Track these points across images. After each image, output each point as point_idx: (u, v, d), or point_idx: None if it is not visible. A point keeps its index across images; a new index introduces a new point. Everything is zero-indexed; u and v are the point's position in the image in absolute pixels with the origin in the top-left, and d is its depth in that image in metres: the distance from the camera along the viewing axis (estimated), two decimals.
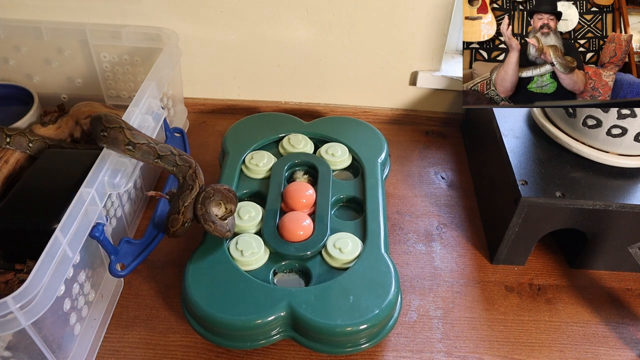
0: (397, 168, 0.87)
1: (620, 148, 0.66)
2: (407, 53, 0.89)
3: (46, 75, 0.90)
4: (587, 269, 0.71)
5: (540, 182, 0.64)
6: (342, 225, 0.65)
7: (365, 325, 0.53)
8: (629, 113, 0.63)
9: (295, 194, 0.66)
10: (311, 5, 0.84)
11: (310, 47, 0.89)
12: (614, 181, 0.65)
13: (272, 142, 0.77)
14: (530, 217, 0.64)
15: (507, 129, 0.73)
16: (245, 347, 0.57)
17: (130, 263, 0.57)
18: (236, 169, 0.71)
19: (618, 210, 0.62)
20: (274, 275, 0.60)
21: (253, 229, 0.63)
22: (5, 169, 0.70)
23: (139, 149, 0.58)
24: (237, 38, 0.88)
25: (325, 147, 0.75)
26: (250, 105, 0.97)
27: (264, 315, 0.54)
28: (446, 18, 0.85)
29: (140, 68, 0.87)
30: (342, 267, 0.59)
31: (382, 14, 0.85)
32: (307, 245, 0.60)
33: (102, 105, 0.83)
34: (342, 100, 0.96)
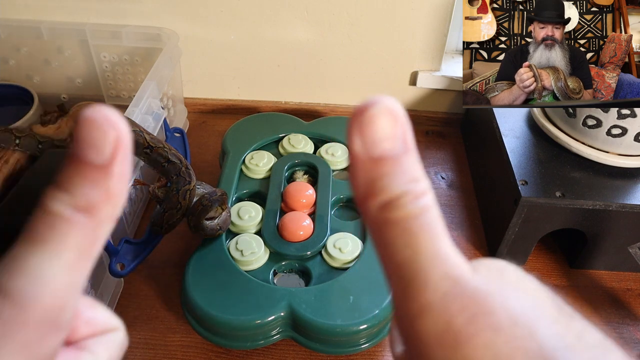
0: None
1: (620, 148, 0.66)
2: (407, 53, 0.89)
3: (46, 75, 0.90)
4: (587, 269, 0.71)
5: (540, 182, 0.64)
6: (342, 225, 0.65)
7: (365, 325, 0.53)
8: (629, 113, 0.63)
9: (295, 194, 0.66)
10: (311, 5, 0.84)
11: (310, 47, 0.89)
12: (614, 181, 0.65)
13: (272, 142, 0.77)
14: (530, 217, 0.64)
15: (507, 129, 0.73)
16: (245, 347, 0.57)
17: (130, 263, 0.57)
18: (236, 169, 0.71)
19: (618, 210, 0.62)
20: (274, 275, 0.60)
21: (253, 229, 0.63)
22: (6, 169, 0.70)
23: None
24: (237, 38, 0.88)
25: (325, 147, 0.75)
26: (250, 105, 0.97)
27: (264, 315, 0.54)
28: (446, 18, 0.85)
29: (140, 68, 0.87)
30: (342, 267, 0.59)
31: (382, 14, 0.85)
32: (307, 245, 0.60)
33: None
34: (342, 100, 0.96)
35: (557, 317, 0.18)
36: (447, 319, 0.17)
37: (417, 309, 0.18)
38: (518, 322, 0.17)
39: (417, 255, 0.18)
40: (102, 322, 0.22)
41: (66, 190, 0.18)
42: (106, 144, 0.18)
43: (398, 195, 0.18)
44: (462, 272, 0.18)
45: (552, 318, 0.18)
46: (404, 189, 0.18)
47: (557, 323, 0.18)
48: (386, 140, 0.18)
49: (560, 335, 0.17)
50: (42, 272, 0.17)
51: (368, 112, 0.18)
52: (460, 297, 0.17)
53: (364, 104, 0.18)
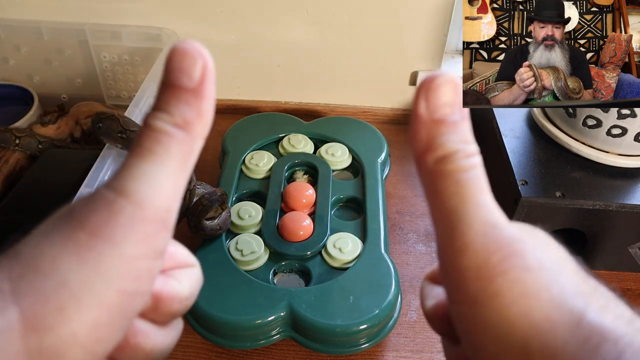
0: (397, 168, 0.87)
1: (620, 148, 0.66)
2: (407, 53, 0.89)
3: (46, 75, 0.90)
4: None
5: (540, 182, 0.64)
6: (342, 225, 0.65)
7: (365, 325, 0.53)
8: (629, 113, 0.63)
9: (295, 194, 0.66)
10: (311, 5, 0.84)
11: (310, 47, 0.89)
12: (614, 181, 0.65)
13: (272, 142, 0.77)
14: (530, 217, 0.64)
15: (507, 129, 0.73)
16: (245, 347, 0.57)
17: None
18: (236, 169, 0.71)
19: (618, 210, 0.62)
20: (274, 275, 0.60)
21: (253, 229, 0.63)
22: (5, 169, 0.70)
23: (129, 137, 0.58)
24: (237, 38, 0.88)
25: (325, 147, 0.75)
26: (250, 105, 0.97)
27: (264, 315, 0.54)
28: (446, 18, 0.85)
29: (140, 68, 0.87)
30: (342, 267, 0.59)
31: (382, 14, 0.85)
32: (307, 245, 0.61)
33: (102, 105, 0.83)
34: (342, 100, 0.96)
35: (577, 271, 0.21)
36: (485, 256, 0.20)
37: (460, 246, 0.20)
38: (544, 267, 0.20)
39: (463, 203, 0.21)
40: (183, 257, 0.26)
41: (165, 111, 0.21)
42: (196, 70, 0.21)
43: (453, 152, 0.21)
44: (500, 220, 0.21)
45: (573, 270, 0.21)
46: (458, 147, 0.21)
47: (576, 275, 0.21)
48: (448, 106, 0.22)
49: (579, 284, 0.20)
50: (154, 177, 0.20)
51: (435, 81, 0.21)
52: (498, 239, 0.20)
53: (431, 75, 0.22)
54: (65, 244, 0.19)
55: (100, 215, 0.19)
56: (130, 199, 0.20)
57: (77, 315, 0.18)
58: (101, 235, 0.19)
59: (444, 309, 0.25)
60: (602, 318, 0.19)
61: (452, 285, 0.21)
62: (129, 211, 0.19)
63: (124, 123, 0.57)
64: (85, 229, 0.19)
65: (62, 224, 0.20)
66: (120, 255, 0.19)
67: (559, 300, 0.19)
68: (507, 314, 0.19)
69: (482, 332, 0.20)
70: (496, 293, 0.19)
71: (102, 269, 0.19)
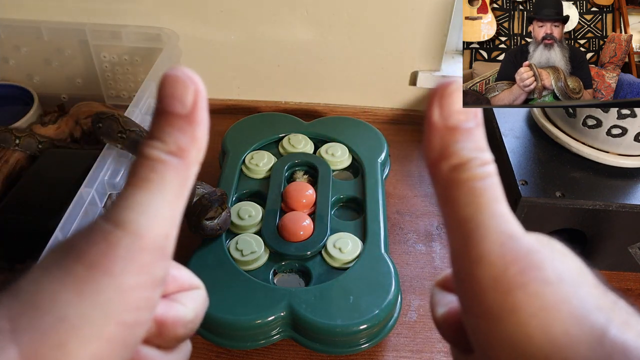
0: (397, 168, 0.87)
1: (620, 148, 0.66)
2: (407, 53, 0.89)
3: (46, 75, 0.90)
4: None
5: (540, 182, 0.64)
6: (342, 225, 0.65)
7: (365, 325, 0.53)
8: (629, 113, 0.63)
9: (295, 194, 0.66)
10: (311, 5, 0.84)
11: (310, 47, 0.89)
12: (614, 181, 0.65)
13: (272, 142, 0.77)
14: (530, 217, 0.64)
15: (507, 129, 0.73)
16: (245, 347, 0.57)
17: None
18: (236, 169, 0.71)
19: (618, 210, 0.62)
20: (274, 275, 0.60)
21: (253, 229, 0.63)
22: (5, 169, 0.70)
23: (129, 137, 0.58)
24: (237, 38, 0.88)
25: (325, 147, 0.75)
26: (250, 105, 0.97)
27: (264, 315, 0.54)
28: (446, 18, 0.85)
29: (140, 68, 0.87)
30: (342, 267, 0.59)
31: (382, 14, 0.85)
32: (307, 245, 0.60)
33: (102, 105, 0.83)
34: (342, 100, 0.96)
35: (596, 284, 0.21)
36: (502, 267, 0.19)
37: (475, 256, 0.20)
38: (564, 280, 0.19)
39: (478, 212, 0.20)
40: (187, 280, 0.26)
41: (159, 139, 0.21)
42: (188, 96, 0.21)
43: (467, 160, 0.21)
44: (517, 230, 0.21)
45: (592, 284, 0.20)
46: (473, 155, 0.21)
47: (596, 288, 0.20)
48: (461, 113, 0.21)
49: (599, 298, 0.20)
50: (150, 206, 0.20)
51: (448, 88, 0.21)
52: (515, 250, 0.20)
53: (445, 81, 0.21)
54: (64, 278, 0.19)
55: (98, 247, 0.19)
56: (128, 229, 0.20)
57: (77, 350, 0.18)
58: (99, 268, 0.19)
59: (455, 318, 0.25)
60: (624, 335, 0.18)
61: (466, 296, 0.21)
62: (127, 242, 0.19)
63: (124, 123, 0.57)
64: (83, 262, 0.19)
65: (61, 257, 0.20)
66: (119, 287, 0.19)
67: (579, 315, 0.19)
68: (526, 328, 0.19)
69: (499, 346, 0.19)
70: (514, 306, 0.19)
71: (101, 301, 0.19)
